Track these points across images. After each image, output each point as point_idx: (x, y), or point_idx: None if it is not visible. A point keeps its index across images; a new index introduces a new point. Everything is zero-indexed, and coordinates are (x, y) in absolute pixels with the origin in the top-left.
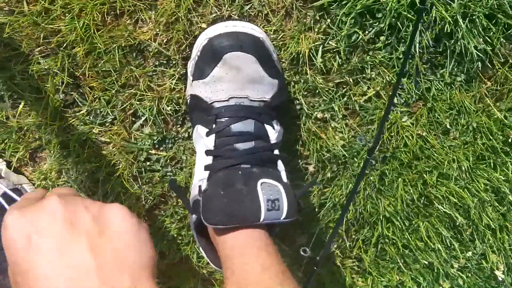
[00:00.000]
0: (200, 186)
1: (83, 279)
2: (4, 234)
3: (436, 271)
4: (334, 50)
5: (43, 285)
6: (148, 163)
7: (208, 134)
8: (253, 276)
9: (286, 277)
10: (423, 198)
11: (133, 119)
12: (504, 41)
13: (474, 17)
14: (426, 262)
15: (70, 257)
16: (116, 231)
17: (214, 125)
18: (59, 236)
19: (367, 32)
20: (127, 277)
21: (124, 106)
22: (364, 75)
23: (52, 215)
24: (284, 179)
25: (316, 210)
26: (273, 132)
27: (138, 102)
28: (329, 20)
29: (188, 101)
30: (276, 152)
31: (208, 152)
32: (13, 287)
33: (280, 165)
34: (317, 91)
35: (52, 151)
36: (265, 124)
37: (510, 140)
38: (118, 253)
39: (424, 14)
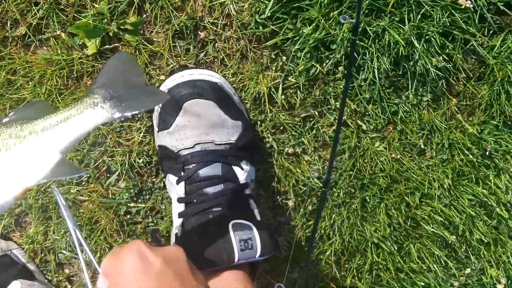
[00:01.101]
0: (176, 234)
1: None
2: None
3: None
4: (295, 85)
5: None
6: (128, 216)
7: (178, 182)
8: None
9: None
10: (409, 220)
11: (108, 175)
12: (463, 56)
13: (428, 36)
14: (424, 284)
15: None
16: None
17: (182, 173)
18: None
19: (324, 64)
20: None
21: (97, 163)
22: (328, 106)
23: None
24: (257, 217)
25: (303, 243)
26: (242, 173)
27: (109, 158)
28: (284, 57)
29: (157, 152)
30: (247, 191)
31: (180, 200)
32: None
33: (252, 203)
34: (283, 127)
35: (35, 215)
36: (232, 166)
37: (487, 153)
38: None
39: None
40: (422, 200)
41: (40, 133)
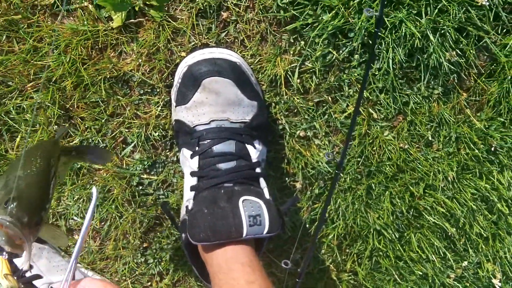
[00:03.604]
0: (187, 206)
1: None
2: None
3: (432, 281)
4: (311, 70)
5: None
6: (140, 187)
7: (192, 156)
8: None
9: None
10: (412, 210)
11: (124, 146)
12: (476, 53)
13: (443, 31)
14: (421, 273)
15: None
16: None
17: (197, 147)
18: None
19: (341, 51)
20: None
21: (114, 134)
22: (342, 92)
23: None
24: (267, 195)
25: (307, 226)
26: (255, 151)
27: (126, 130)
28: (303, 42)
29: (173, 126)
30: (258, 170)
31: (193, 173)
32: None
33: (262, 182)
34: (297, 111)
35: None
36: (246, 144)
37: (492, 149)
38: None
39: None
40: (426, 191)
41: None
